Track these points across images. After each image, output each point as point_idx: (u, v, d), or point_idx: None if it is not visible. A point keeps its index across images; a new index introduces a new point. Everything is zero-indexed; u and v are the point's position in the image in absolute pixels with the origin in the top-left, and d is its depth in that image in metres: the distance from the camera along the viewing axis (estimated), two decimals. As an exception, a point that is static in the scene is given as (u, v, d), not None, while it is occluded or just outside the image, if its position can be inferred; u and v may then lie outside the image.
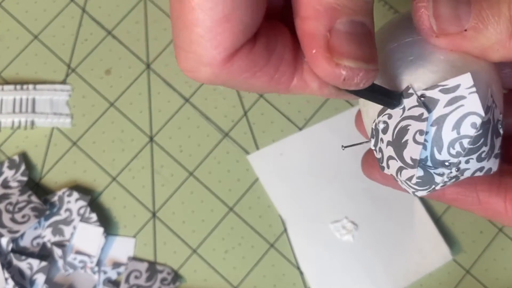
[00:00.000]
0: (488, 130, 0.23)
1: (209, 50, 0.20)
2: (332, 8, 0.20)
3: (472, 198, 0.26)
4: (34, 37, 0.49)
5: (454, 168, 0.23)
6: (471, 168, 0.23)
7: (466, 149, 0.23)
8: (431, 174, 0.23)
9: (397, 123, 0.23)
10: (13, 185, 0.45)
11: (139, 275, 0.44)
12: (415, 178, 0.23)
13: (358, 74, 0.20)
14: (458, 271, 0.44)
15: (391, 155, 0.24)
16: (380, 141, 0.24)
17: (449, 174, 0.23)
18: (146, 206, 0.46)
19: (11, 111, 0.47)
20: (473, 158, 0.23)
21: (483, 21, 0.23)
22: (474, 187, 0.26)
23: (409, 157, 0.23)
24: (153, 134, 0.47)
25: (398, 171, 0.23)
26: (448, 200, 0.26)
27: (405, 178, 0.23)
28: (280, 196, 0.46)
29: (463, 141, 0.23)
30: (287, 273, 0.45)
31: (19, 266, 0.43)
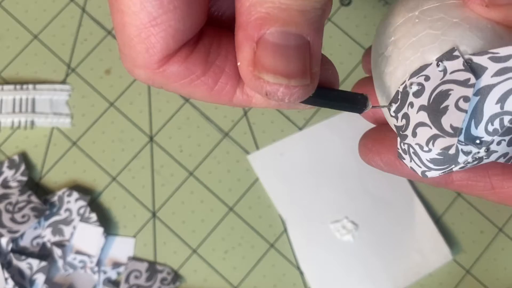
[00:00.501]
0: None
1: (140, 53, 0.20)
2: (261, 17, 0.19)
3: (484, 183, 0.24)
4: (34, 37, 0.49)
5: (484, 148, 0.21)
6: (499, 152, 0.22)
7: (504, 127, 0.21)
8: (458, 150, 0.21)
9: (436, 87, 0.21)
10: (13, 185, 0.45)
11: (139, 275, 0.44)
12: (453, 148, 0.21)
13: (278, 90, 0.19)
14: (458, 271, 0.44)
15: (423, 121, 0.21)
16: (409, 105, 0.22)
17: (475, 154, 0.21)
18: (146, 206, 0.46)
19: (11, 111, 0.47)
20: (505, 140, 0.21)
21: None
22: (486, 172, 0.24)
23: (449, 125, 0.21)
24: (153, 134, 0.47)
25: (430, 139, 0.21)
26: (457, 186, 0.24)
27: (440, 148, 0.21)
28: (280, 196, 0.46)
29: (504, 118, 0.21)
30: (287, 273, 0.45)
31: (19, 266, 0.43)
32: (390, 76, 0.23)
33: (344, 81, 0.47)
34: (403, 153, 0.23)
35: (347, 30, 0.48)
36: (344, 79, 0.47)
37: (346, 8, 0.49)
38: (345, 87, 0.47)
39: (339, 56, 0.48)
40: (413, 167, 0.23)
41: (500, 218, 0.45)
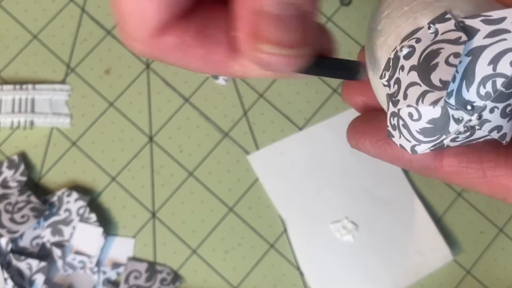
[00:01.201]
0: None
1: (136, 26, 0.20)
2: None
3: (475, 170, 0.22)
4: (34, 36, 0.49)
5: (476, 115, 0.20)
6: (492, 122, 0.21)
7: (497, 91, 0.20)
8: (448, 116, 0.21)
9: (426, 47, 0.21)
10: (12, 185, 0.45)
11: (138, 275, 0.44)
12: (438, 106, 0.20)
13: (277, 60, 0.19)
14: (459, 272, 0.44)
15: (413, 81, 0.21)
16: (400, 69, 0.22)
17: (467, 122, 0.21)
18: (146, 206, 0.46)
19: (10, 111, 0.47)
20: (498, 109, 0.21)
21: None
22: (479, 157, 0.22)
23: (438, 79, 0.20)
24: (152, 134, 0.47)
25: (420, 97, 0.21)
26: (447, 173, 0.23)
27: (428, 103, 0.20)
28: (280, 196, 0.45)
29: (497, 80, 0.20)
30: (287, 273, 0.44)
31: (18, 266, 0.43)
32: (381, 46, 0.23)
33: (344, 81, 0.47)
34: (392, 129, 0.23)
35: (347, 30, 0.48)
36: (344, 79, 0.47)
37: (346, 8, 0.49)
38: (345, 87, 0.47)
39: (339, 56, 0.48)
40: (403, 144, 0.22)
41: (501, 218, 0.45)
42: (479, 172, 0.22)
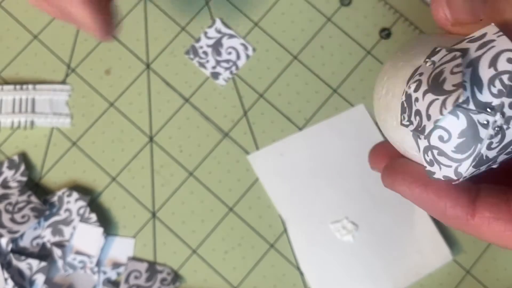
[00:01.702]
0: None
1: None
2: None
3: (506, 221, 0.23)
4: (34, 37, 0.49)
5: (499, 114, 0.22)
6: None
7: (507, 86, 0.22)
8: (475, 123, 0.22)
9: (430, 73, 0.23)
10: (12, 185, 0.45)
11: (138, 275, 0.44)
12: (460, 98, 0.22)
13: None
14: (459, 272, 0.44)
15: (431, 100, 0.23)
16: (415, 101, 0.23)
17: (494, 123, 0.22)
18: (146, 206, 0.46)
19: (11, 111, 0.47)
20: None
21: (499, 10, 0.23)
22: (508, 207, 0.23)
23: (451, 85, 0.22)
24: (152, 134, 0.47)
25: (441, 107, 0.22)
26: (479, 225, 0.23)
27: (450, 105, 0.22)
28: (280, 196, 0.46)
29: (502, 77, 0.22)
30: (287, 273, 0.44)
31: (18, 266, 0.43)
32: (391, 100, 0.25)
33: (344, 81, 0.47)
34: (430, 165, 0.23)
35: (347, 30, 0.48)
36: (344, 79, 0.47)
37: (346, 8, 0.49)
38: (346, 86, 0.47)
39: (339, 56, 0.48)
40: (446, 174, 0.23)
41: (500, 218, 0.45)
42: (509, 225, 0.23)
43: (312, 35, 0.48)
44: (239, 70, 0.48)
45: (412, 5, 0.49)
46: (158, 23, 0.49)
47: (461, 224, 0.24)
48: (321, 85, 0.47)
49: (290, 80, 0.48)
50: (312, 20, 0.49)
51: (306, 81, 0.48)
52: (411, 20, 0.48)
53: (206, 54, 0.48)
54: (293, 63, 0.48)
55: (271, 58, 0.48)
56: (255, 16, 0.49)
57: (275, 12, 0.49)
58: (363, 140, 0.46)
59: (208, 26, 0.49)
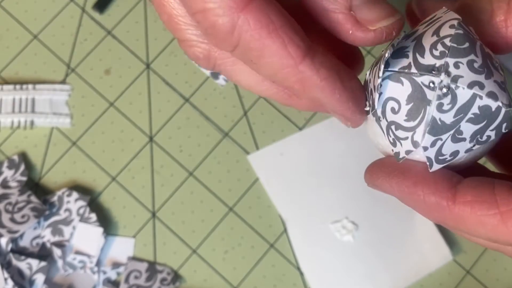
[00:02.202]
0: (474, 42, 0.22)
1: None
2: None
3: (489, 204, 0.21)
4: (34, 36, 0.49)
5: (443, 74, 0.21)
6: (465, 76, 0.21)
7: (449, 47, 0.21)
8: (419, 86, 0.21)
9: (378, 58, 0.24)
10: (12, 185, 0.45)
11: (138, 275, 0.44)
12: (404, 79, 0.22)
13: (394, 28, 0.23)
14: (459, 272, 0.44)
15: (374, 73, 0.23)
16: (368, 83, 0.23)
17: (440, 84, 0.21)
18: (146, 206, 0.46)
19: (11, 111, 0.47)
20: (463, 63, 0.21)
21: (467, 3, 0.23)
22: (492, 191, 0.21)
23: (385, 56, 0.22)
24: (152, 134, 0.47)
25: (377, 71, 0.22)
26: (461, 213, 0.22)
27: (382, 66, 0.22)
28: (280, 196, 0.45)
29: (444, 40, 0.22)
30: (287, 273, 0.44)
31: (18, 266, 0.43)
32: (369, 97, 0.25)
33: (344, 81, 0.47)
34: (394, 146, 0.23)
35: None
36: (344, 79, 0.47)
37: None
38: (345, 87, 0.47)
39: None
40: (408, 149, 0.22)
41: (500, 218, 0.45)
42: (493, 208, 0.21)
43: (312, 35, 0.48)
44: (239, 70, 0.48)
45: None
46: (158, 23, 0.49)
47: (443, 213, 0.22)
48: (321, 85, 0.47)
49: (290, 80, 0.48)
50: (312, 20, 0.49)
51: (306, 81, 0.48)
52: (411, 20, 0.48)
53: (206, 54, 0.48)
54: (293, 63, 0.48)
55: (271, 58, 0.48)
56: (255, 16, 0.49)
57: (275, 12, 0.49)
58: (363, 140, 0.46)
59: (208, 26, 0.49)
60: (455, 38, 0.21)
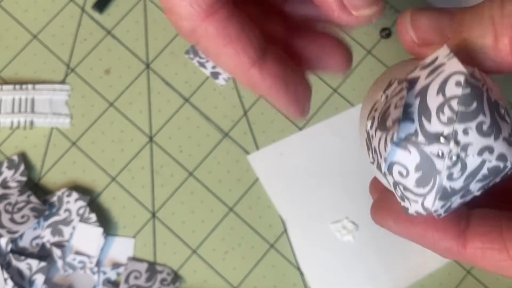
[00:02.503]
0: (482, 96, 0.21)
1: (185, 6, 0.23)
2: None
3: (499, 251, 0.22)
4: (33, 36, 0.49)
5: (452, 142, 0.20)
6: (475, 143, 0.21)
7: (457, 112, 0.20)
8: (428, 157, 0.21)
9: (382, 109, 0.22)
10: (12, 185, 0.45)
11: (138, 275, 0.44)
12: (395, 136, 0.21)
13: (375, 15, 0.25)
14: (459, 272, 0.44)
15: (379, 137, 0.22)
16: (372, 139, 0.23)
17: (450, 154, 0.20)
18: (146, 206, 0.46)
19: (10, 111, 0.47)
20: (472, 128, 0.21)
21: (466, 28, 0.22)
22: (501, 236, 0.22)
23: (390, 121, 0.21)
24: (152, 134, 0.47)
25: (385, 144, 0.21)
26: (471, 256, 0.23)
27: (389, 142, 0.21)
28: (280, 196, 0.45)
29: (451, 103, 0.20)
30: (287, 273, 0.44)
31: (18, 266, 0.43)
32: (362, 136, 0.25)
33: (344, 81, 0.47)
34: (402, 200, 0.23)
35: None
36: (344, 79, 0.47)
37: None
38: (346, 86, 0.47)
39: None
40: (417, 209, 0.22)
41: (501, 218, 0.45)
42: (503, 254, 0.22)
43: (312, 35, 0.48)
44: (239, 70, 0.48)
45: (412, 5, 0.49)
46: (157, 22, 0.49)
47: (455, 255, 0.23)
48: (321, 85, 0.47)
49: (290, 80, 0.47)
50: (312, 20, 0.48)
51: (306, 81, 0.47)
52: (411, 20, 0.48)
53: (206, 54, 0.48)
54: (293, 63, 0.48)
55: (271, 58, 0.48)
56: (255, 16, 0.49)
57: (275, 12, 0.49)
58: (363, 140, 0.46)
59: (208, 26, 0.48)
60: (462, 100, 0.20)
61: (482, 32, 0.22)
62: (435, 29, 0.23)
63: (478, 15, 0.22)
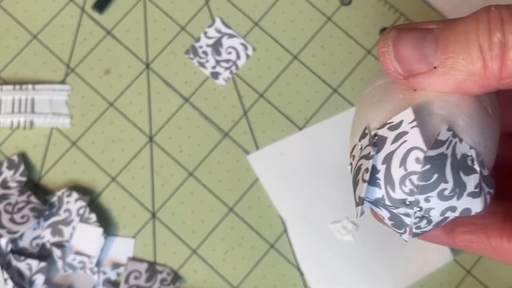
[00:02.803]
0: (444, 166, 0.22)
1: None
2: None
3: (484, 244, 0.24)
4: (33, 36, 0.49)
5: (416, 208, 0.22)
6: (437, 207, 0.22)
7: (418, 186, 0.22)
8: (396, 214, 0.23)
9: (356, 163, 0.24)
10: (12, 186, 0.45)
11: (138, 275, 0.44)
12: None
13: None
14: (459, 271, 0.44)
15: (354, 195, 0.24)
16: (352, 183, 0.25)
17: (415, 213, 0.23)
18: (146, 206, 0.46)
19: (10, 111, 0.47)
20: (433, 196, 0.22)
21: (452, 54, 0.22)
22: (485, 233, 0.24)
23: (357, 196, 0.23)
24: (152, 134, 0.47)
25: (358, 198, 0.24)
26: (461, 247, 0.25)
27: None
28: (280, 196, 0.45)
29: (412, 178, 0.22)
30: (287, 273, 0.44)
31: (18, 266, 0.43)
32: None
33: (345, 80, 0.47)
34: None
35: (347, 30, 0.48)
36: (344, 79, 0.47)
37: (346, 7, 0.49)
38: (346, 85, 0.47)
39: (339, 56, 0.48)
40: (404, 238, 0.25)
41: (501, 218, 0.45)
42: (487, 247, 0.24)
43: (312, 34, 0.48)
44: (239, 69, 0.48)
45: (412, 5, 0.49)
46: (158, 22, 0.49)
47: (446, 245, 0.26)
48: (321, 85, 0.47)
49: (290, 79, 0.48)
50: (312, 19, 0.49)
51: (306, 81, 0.47)
52: (411, 20, 0.48)
53: (206, 54, 0.48)
54: (293, 62, 0.48)
55: (271, 57, 0.48)
56: (255, 15, 0.49)
57: (275, 12, 0.49)
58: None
59: (208, 26, 0.49)
60: (422, 176, 0.22)
61: (470, 60, 0.21)
62: (420, 59, 0.22)
63: (464, 42, 0.22)
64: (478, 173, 0.22)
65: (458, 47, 0.22)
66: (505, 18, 0.21)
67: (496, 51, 0.21)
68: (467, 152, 0.22)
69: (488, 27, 0.21)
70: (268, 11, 0.49)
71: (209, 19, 0.49)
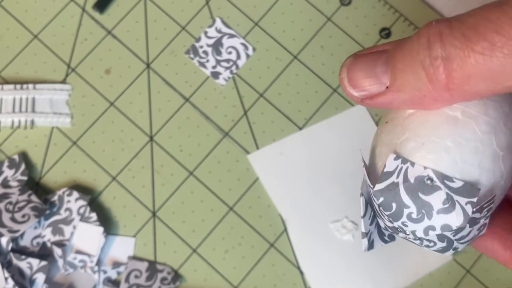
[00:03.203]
0: (398, 193, 0.23)
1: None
2: None
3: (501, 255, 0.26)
4: (34, 36, 0.49)
5: (402, 233, 0.25)
6: (417, 230, 0.24)
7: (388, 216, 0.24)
8: (407, 240, 0.25)
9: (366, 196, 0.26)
10: (13, 185, 0.45)
11: (139, 274, 0.44)
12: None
13: None
14: (459, 271, 0.44)
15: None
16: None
17: (408, 237, 0.25)
18: (146, 205, 0.46)
19: (11, 111, 0.47)
20: (406, 222, 0.24)
21: (401, 73, 0.22)
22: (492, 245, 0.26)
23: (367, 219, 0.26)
24: (153, 133, 0.47)
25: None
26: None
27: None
28: (280, 196, 0.46)
29: (382, 211, 0.24)
30: (287, 272, 0.45)
31: (19, 265, 0.43)
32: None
33: (344, 80, 0.47)
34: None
35: (347, 30, 0.48)
36: (344, 79, 0.47)
37: (346, 7, 0.49)
38: (345, 86, 0.47)
39: (339, 56, 0.48)
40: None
41: (500, 217, 0.45)
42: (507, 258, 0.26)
43: (312, 34, 0.48)
44: (239, 69, 0.48)
45: (412, 5, 0.49)
46: (158, 22, 0.49)
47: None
48: (321, 85, 0.47)
49: (290, 79, 0.48)
50: (312, 19, 0.49)
51: (306, 81, 0.48)
52: (411, 20, 0.48)
53: (206, 54, 0.48)
54: (293, 62, 0.48)
55: (271, 57, 0.48)
56: (255, 15, 0.49)
57: (275, 12, 0.49)
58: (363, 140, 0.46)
59: (208, 26, 0.49)
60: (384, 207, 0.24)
61: (416, 76, 0.22)
62: (372, 81, 0.23)
63: (409, 59, 0.22)
64: (442, 189, 0.23)
65: (405, 65, 0.22)
66: (444, 31, 0.21)
67: (438, 64, 0.21)
68: (421, 174, 0.23)
69: (427, 42, 0.21)
70: (268, 11, 0.49)
71: (210, 19, 0.49)
